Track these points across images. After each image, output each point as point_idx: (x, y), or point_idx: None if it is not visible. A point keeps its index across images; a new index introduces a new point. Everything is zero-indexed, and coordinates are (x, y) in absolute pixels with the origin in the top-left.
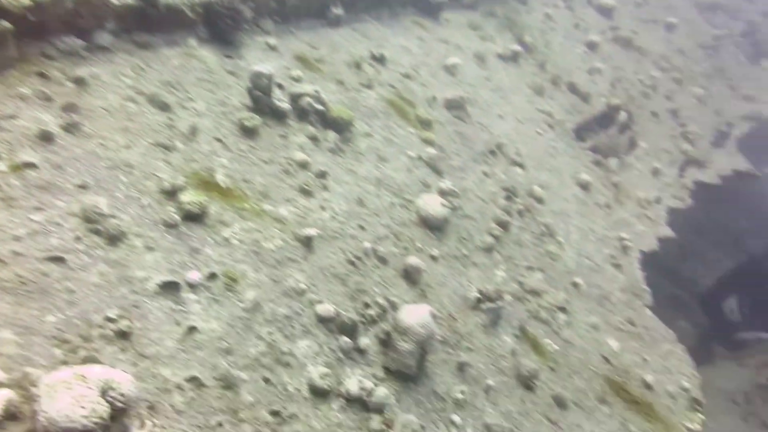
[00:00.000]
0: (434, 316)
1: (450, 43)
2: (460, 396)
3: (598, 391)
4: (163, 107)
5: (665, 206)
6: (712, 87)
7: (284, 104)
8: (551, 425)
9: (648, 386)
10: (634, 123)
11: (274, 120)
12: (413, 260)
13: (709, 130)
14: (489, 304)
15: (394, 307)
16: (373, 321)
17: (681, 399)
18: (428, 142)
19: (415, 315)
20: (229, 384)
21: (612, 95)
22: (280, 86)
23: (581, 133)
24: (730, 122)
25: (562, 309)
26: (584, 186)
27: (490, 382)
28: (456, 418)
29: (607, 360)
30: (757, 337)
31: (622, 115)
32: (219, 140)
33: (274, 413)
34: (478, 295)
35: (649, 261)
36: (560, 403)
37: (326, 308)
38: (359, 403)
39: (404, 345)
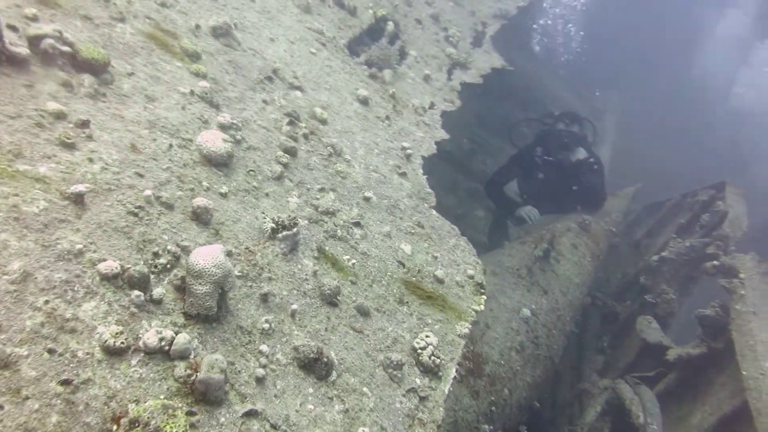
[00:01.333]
0: (230, 253)
1: None
2: (266, 326)
3: (397, 294)
4: None
5: (439, 110)
6: None
7: (22, 49)
8: (357, 334)
9: (440, 281)
10: (401, 32)
11: (14, 69)
12: (201, 201)
13: (468, 31)
14: (285, 232)
15: (186, 252)
16: (165, 269)
17: (468, 286)
18: (199, 75)
19: (207, 256)
20: (4, 363)
21: (377, 6)
22: (13, 28)
23: (354, 48)
24: (484, 21)
25: (357, 224)
26: (364, 101)
27: (295, 306)
28: (264, 347)
29: (402, 264)
30: (528, 214)
31: (390, 26)
32: None
33: (65, 383)
34: (273, 225)
35: (445, 160)
36: (363, 312)
37: (110, 265)
38: (161, 354)
39: (201, 288)
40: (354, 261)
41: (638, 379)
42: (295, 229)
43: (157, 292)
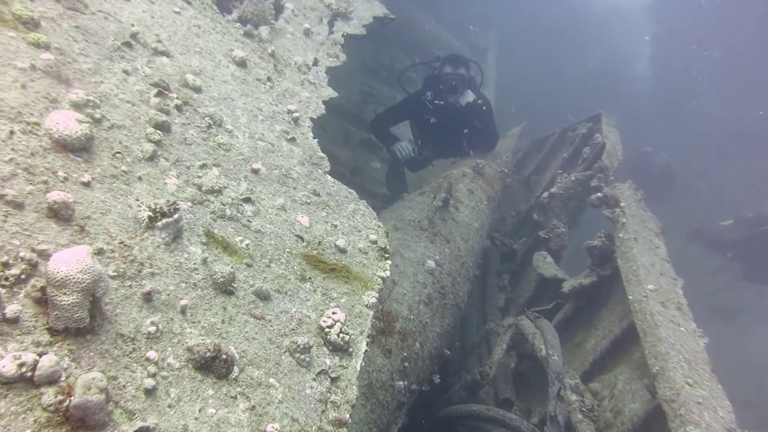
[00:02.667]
0: (101, 252)
1: None
2: (152, 329)
3: (298, 271)
4: None
5: (323, 67)
6: None
7: None
8: (258, 321)
9: (342, 250)
10: None
11: None
12: (58, 195)
13: None
14: (165, 220)
15: (45, 257)
16: (20, 281)
17: (371, 252)
18: (40, 46)
19: (70, 261)
20: None
21: None
22: None
23: (224, 4)
24: None
25: (247, 200)
26: (241, 63)
27: (185, 301)
28: (151, 354)
29: (300, 238)
30: (399, 150)
31: None
32: None
33: None
34: (150, 213)
35: (335, 112)
36: (263, 296)
37: None
38: (23, 382)
39: (66, 298)
40: (248, 241)
41: (538, 313)
42: (176, 215)
43: (12, 309)
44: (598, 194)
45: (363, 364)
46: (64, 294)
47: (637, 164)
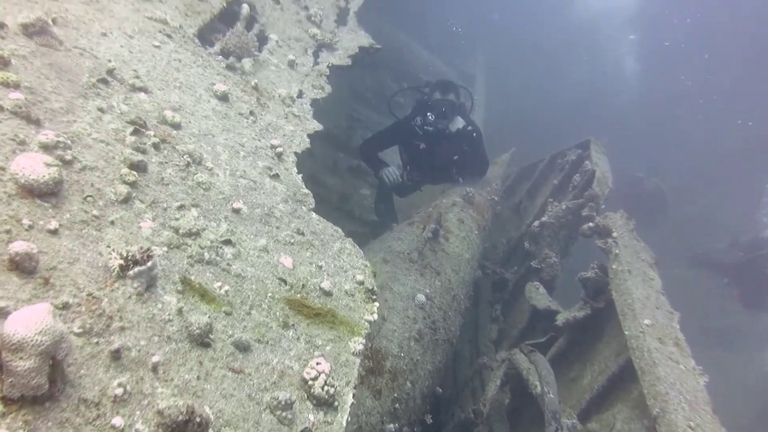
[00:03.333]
0: (66, 306)
1: None
2: (119, 391)
3: (281, 317)
4: None
5: (308, 99)
6: None
7: None
8: (236, 375)
9: (327, 293)
10: (259, 15)
11: None
12: (20, 246)
13: (331, 8)
14: (137, 268)
15: (4, 314)
16: None
17: (358, 294)
18: (10, 86)
19: (27, 322)
20: None
21: None
22: None
23: (206, 37)
24: None
25: (227, 242)
26: (222, 97)
27: (157, 357)
28: (117, 420)
29: (283, 281)
30: (387, 175)
31: (245, 9)
32: None
33: None
34: (122, 262)
35: (323, 139)
36: (242, 347)
37: None
38: None
39: (23, 363)
40: (227, 287)
41: (532, 346)
42: (149, 263)
43: None
44: (590, 224)
45: (349, 418)
46: (21, 359)
47: (630, 190)
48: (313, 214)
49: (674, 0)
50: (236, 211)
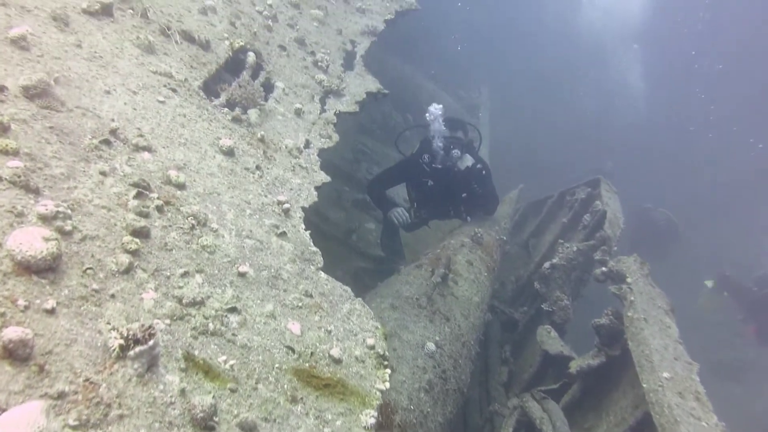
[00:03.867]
0: (61, 395)
1: (8, 5)
2: None
3: (288, 390)
4: None
5: (315, 149)
6: (328, 5)
7: None
8: None
9: (337, 361)
10: (265, 62)
11: None
12: (13, 332)
13: (337, 53)
14: (138, 348)
15: None
16: None
17: (369, 360)
18: (8, 153)
19: (18, 424)
20: None
21: (234, 36)
22: None
23: (211, 88)
24: (353, 40)
25: (233, 309)
26: (228, 152)
27: None
28: None
29: (291, 349)
30: (397, 217)
31: (251, 57)
32: None
33: None
34: (122, 342)
35: (328, 171)
36: (248, 428)
37: None
38: None
39: None
40: (232, 361)
41: (544, 393)
42: (151, 342)
43: None
44: (603, 269)
45: None
46: None
47: (639, 222)
48: (322, 274)
49: (681, 7)
50: (242, 275)
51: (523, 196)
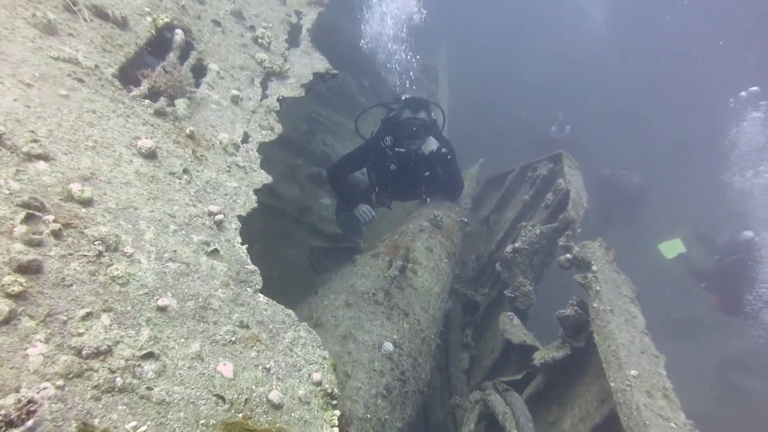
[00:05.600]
0: None
1: None
2: None
3: None
4: None
5: (255, 143)
6: None
7: None
8: None
9: (276, 406)
10: (196, 41)
11: None
12: None
13: (281, 26)
14: None
15: None
16: None
17: (315, 400)
18: None
19: None
20: None
21: (158, 10)
22: None
23: (130, 75)
24: (298, 11)
25: (149, 355)
26: (149, 154)
27: None
28: None
29: (221, 398)
30: (362, 216)
31: (178, 35)
32: None
33: None
34: None
35: (281, 144)
36: None
37: None
38: None
39: None
40: (143, 427)
41: (507, 384)
42: (29, 422)
43: None
44: (568, 255)
45: None
46: None
47: (602, 190)
48: (260, 297)
49: None
50: (162, 309)
51: (484, 168)
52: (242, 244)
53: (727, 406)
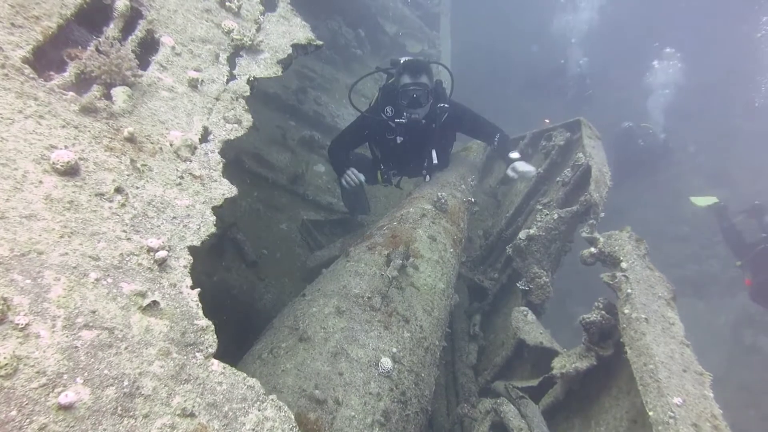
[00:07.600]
0: None
1: None
2: None
3: None
4: None
5: (218, 143)
6: None
7: None
8: None
9: None
10: (145, 6)
11: None
12: None
13: None
14: None
15: None
16: None
17: None
18: None
19: None
20: None
21: None
22: None
23: (49, 59)
24: None
25: None
26: (68, 170)
27: None
28: None
29: None
30: (348, 182)
31: (121, 5)
32: None
33: None
34: None
35: (270, 104)
36: None
37: None
38: None
39: None
40: None
41: (522, 390)
42: None
43: None
44: (592, 249)
45: None
46: None
47: (623, 147)
48: (213, 365)
49: None
50: (65, 408)
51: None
52: (192, 288)
53: (741, 366)
